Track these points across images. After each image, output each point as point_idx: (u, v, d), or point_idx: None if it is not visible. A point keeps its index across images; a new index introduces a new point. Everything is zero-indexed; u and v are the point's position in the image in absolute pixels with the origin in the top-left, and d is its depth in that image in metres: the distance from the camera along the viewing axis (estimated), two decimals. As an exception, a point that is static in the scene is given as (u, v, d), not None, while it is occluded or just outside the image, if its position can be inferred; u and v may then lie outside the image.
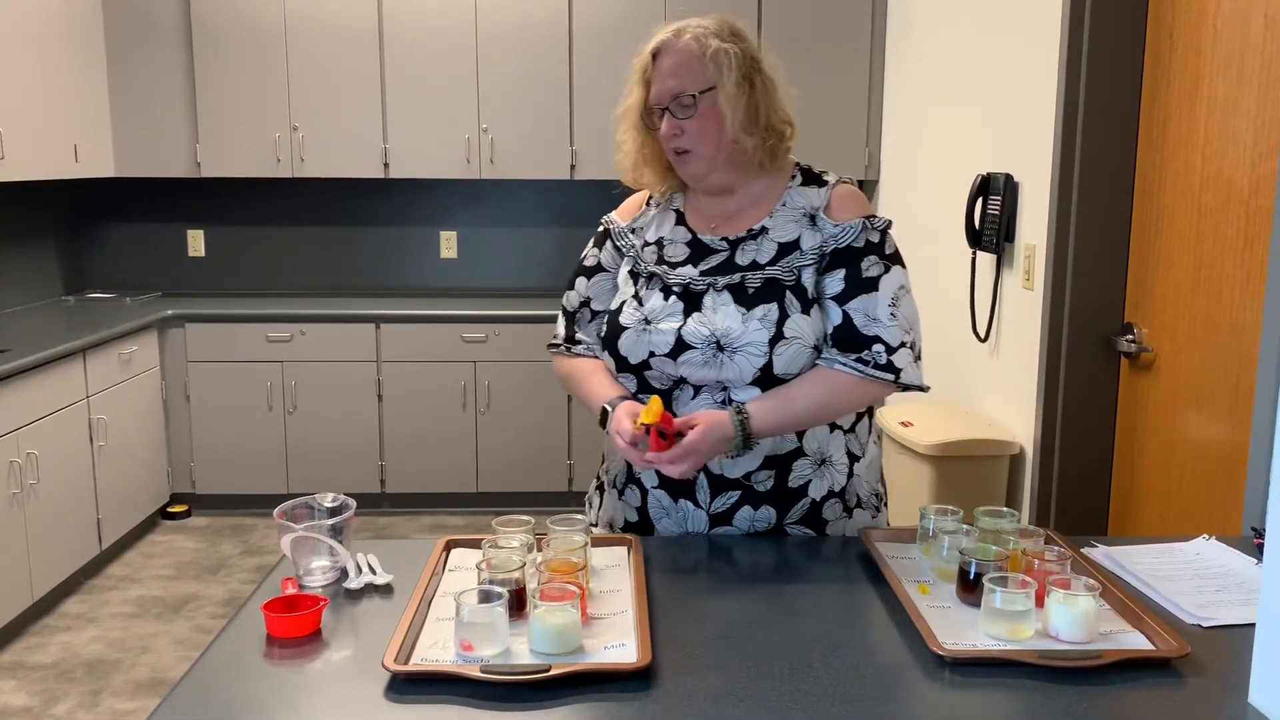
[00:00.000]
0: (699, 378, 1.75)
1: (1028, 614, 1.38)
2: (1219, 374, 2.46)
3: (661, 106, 1.77)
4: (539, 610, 1.34)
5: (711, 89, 1.74)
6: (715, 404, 1.75)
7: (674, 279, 1.81)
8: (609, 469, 1.93)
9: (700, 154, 1.78)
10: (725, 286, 1.76)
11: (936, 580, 1.58)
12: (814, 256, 1.76)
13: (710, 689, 1.27)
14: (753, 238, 1.80)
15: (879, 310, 1.74)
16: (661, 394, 1.77)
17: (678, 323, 1.75)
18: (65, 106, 4.54)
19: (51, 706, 3.19)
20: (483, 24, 4.88)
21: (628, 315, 1.81)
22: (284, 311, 4.82)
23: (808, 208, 1.80)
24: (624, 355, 1.79)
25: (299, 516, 1.61)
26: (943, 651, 1.33)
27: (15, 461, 3.59)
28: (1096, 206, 2.88)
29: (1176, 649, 1.32)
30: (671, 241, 1.86)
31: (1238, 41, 2.39)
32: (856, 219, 1.77)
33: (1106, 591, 1.49)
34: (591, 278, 1.94)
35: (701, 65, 1.75)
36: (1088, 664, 1.30)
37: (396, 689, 1.27)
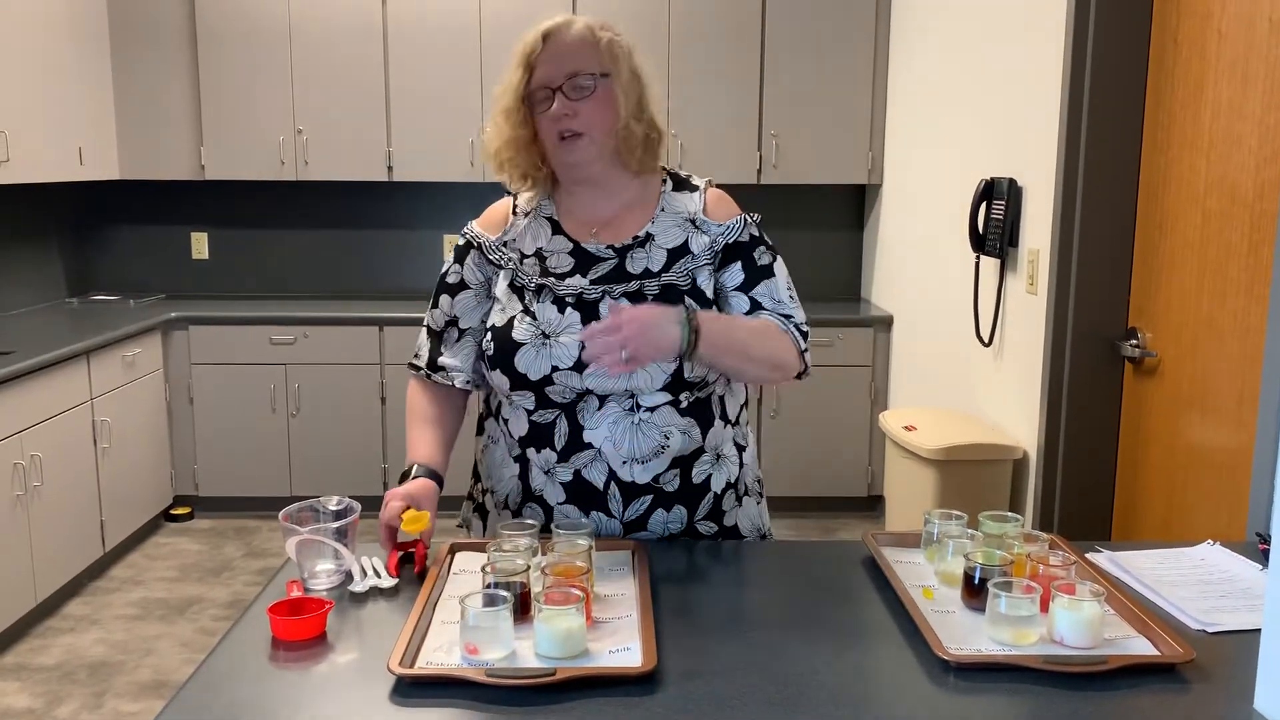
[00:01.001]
0: (605, 388, 1.73)
1: (1033, 619, 1.38)
2: (1223, 379, 2.46)
3: (554, 86, 1.73)
4: (544, 614, 1.34)
5: (607, 74, 1.74)
6: (624, 412, 1.74)
7: (565, 290, 1.77)
8: (494, 489, 1.88)
9: (592, 138, 1.74)
10: (623, 295, 1.75)
11: (941, 585, 1.58)
12: (707, 257, 1.80)
13: (715, 693, 1.27)
14: (640, 245, 1.79)
15: (780, 294, 1.82)
16: (564, 407, 1.75)
17: (577, 333, 1.73)
18: (70, 109, 4.55)
19: (55, 708, 3.19)
20: (486, 28, 4.89)
21: (522, 331, 1.75)
22: (288, 314, 4.83)
23: (686, 213, 1.83)
24: (522, 372, 1.74)
25: (304, 519, 1.61)
26: (948, 656, 1.32)
27: (19, 464, 3.59)
28: (1100, 211, 2.88)
29: (1182, 655, 1.32)
30: (553, 252, 1.81)
31: (1242, 46, 2.39)
32: (735, 217, 1.83)
33: (1111, 597, 1.49)
34: (456, 295, 1.85)
35: (597, 51, 1.75)
36: (1093, 669, 1.30)
37: (402, 692, 1.27)
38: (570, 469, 1.77)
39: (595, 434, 1.75)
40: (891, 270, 4.91)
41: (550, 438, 1.77)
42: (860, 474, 4.95)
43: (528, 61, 1.75)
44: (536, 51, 1.75)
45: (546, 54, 1.74)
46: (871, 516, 4.95)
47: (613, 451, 1.75)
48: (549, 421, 1.77)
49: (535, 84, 1.74)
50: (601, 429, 1.74)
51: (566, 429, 1.76)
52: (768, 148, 4.98)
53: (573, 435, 1.76)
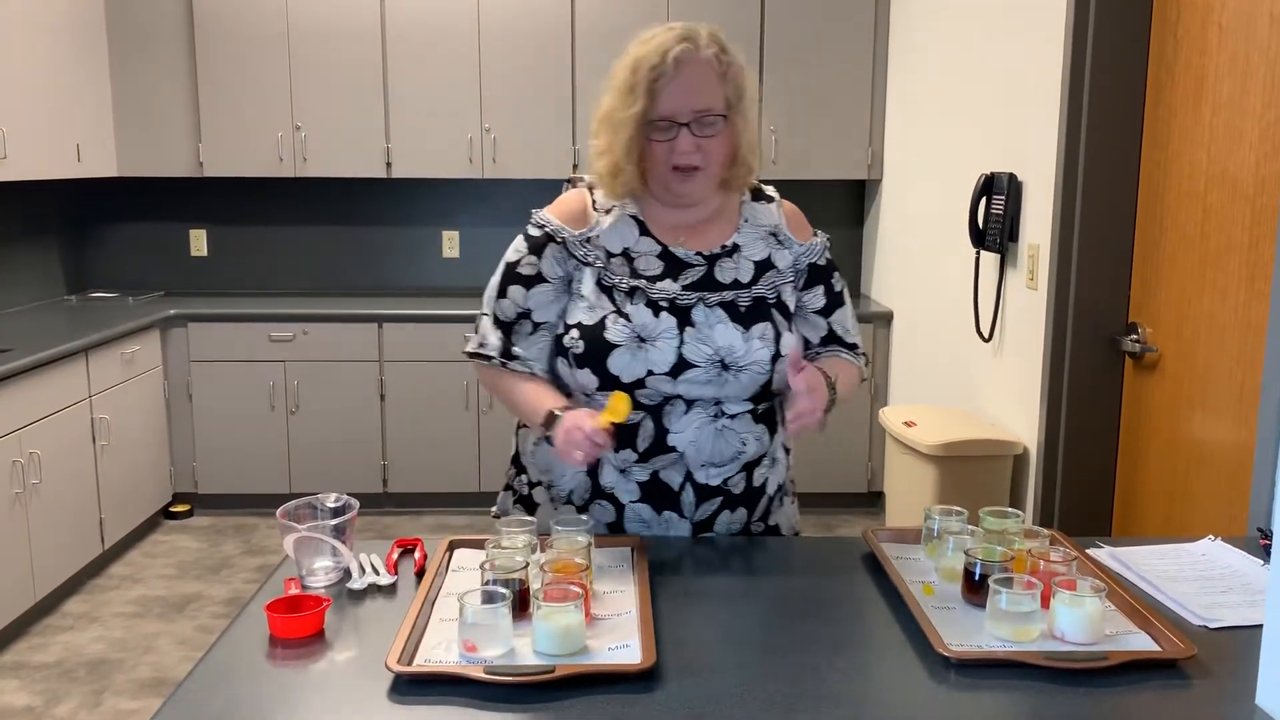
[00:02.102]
0: (696, 394, 1.74)
1: (1033, 615, 1.38)
2: (1224, 374, 2.46)
3: (680, 121, 1.70)
4: (542, 611, 1.34)
5: (731, 109, 1.72)
6: (709, 418, 1.76)
7: (659, 294, 1.76)
8: (553, 484, 1.86)
9: (708, 173, 1.74)
10: (718, 304, 1.76)
11: (941, 581, 1.57)
12: (790, 275, 1.84)
13: (714, 690, 1.27)
14: (728, 255, 1.80)
15: (849, 322, 1.92)
16: (650, 409, 1.75)
17: (674, 339, 1.72)
18: (68, 106, 4.54)
19: (54, 706, 3.19)
20: (485, 23, 4.88)
21: (616, 332, 1.73)
22: (286, 311, 4.82)
23: (768, 225, 1.85)
24: (615, 374, 1.72)
25: (302, 517, 1.61)
26: (948, 653, 1.32)
27: (18, 461, 3.59)
28: (1101, 206, 2.88)
29: (1183, 650, 1.32)
30: (641, 253, 1.79)
31: (1243, 40, 2.39)
32: (812, 237, 1.89)
33: (1112, 593, 1.48)
34: (531, 287, 1.80)
35: (723, 84, 1.71)
36: (1094, 666, 1.30)
37: (400, 690, 1.26)
38: (648, 469, 1.77)
39: (679, 438, 1.75)
40: (891, 266, 4.90)
41: (632, 439, 1.76)
42: (860, 470, 4.95)
43: (652, 88, 1.69)
44: (665, 79, 1.69)
45: (676, 86, 1.69)
46: (872, 512, 4.95)
47: (694, 456, 1.76)
48: (633, 423, 1.75)
49: (658, 114, 1.70)
50: (686, 433, 1.75)
51: (651, 431, 1.76)
52: (767, 143, 4.97)
53: (657, 438, 1.76)
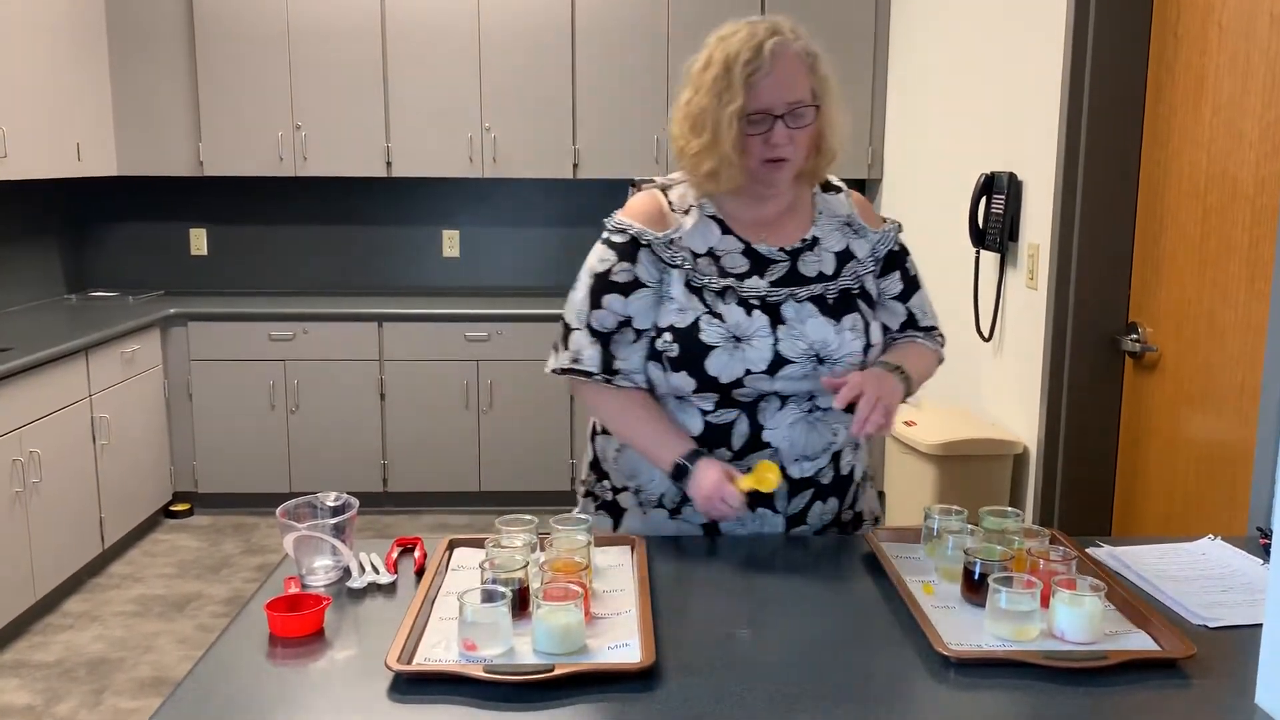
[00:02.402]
0: (792, 389, 1.75)
1: (1033, 614, 1.38)
2: (1224, 374, 2.46)
3: (776, 114, 1.70)
4: (542, 610, 1.34)
5: (818, 99, 1.73)
6: (803, 413, 1.77)
7: (749, 292, 1.76)
8: (641, 488, 1.84)
9: (795, 163, 1.75)
10: (807, 298, 1.77)
11: (940, 580, 1.57)
12: (871, 264, 1.85)
13: (714, 689, 1.26)
14: (809, 248, 1.81)
15: (927, 305, 1.94)
16: (744, 406, 1.75)
17: (769, 337, 1.73)
18: (68, 105, 4.54)
19: (54, 705, 3.19)
20: (485, 22, 4.88)
21: (711, 333, 1.72)
22: (286, 310, 4.82)
23: (842, 215, 1.87)
24: (713, 375, 1.72)
25: (301, 516, 1.60)
26: (948, 652, 1.32)
27: (18, 460, 3.59)
28: (1101, 205, 2.88)
29: (1183, 650, 1.32)
30: (725, 252, 1.78)
31: (1243, 40, 2.38)
32: (885, 224, 1.90)
33: (1111, 592, 1.48)
34: (630, 294, 1.77)
35: (812, 77, 1.73)
36: (1094, 665, 1.30)
37: (400, 689, 1.26)
38: (743, 465, 1.77)
39: (774, 434, 1.76)
40: (891, 265, 4.89)
41: (728, 438, 1.77)
42: (860, 469, 4.94)
43: (749, 82, 1.69)
44: (761, 73, 1.68)
45: (772, 79, 1.69)
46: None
47: (788, 450, 1.77)
48: (727, 422, 1.76)
49: (755, 107, 1.69)
50: (781, 429, 1.76)
51: (746, 429, 1.76)
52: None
53: (752, 435, 1.76)
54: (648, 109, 4.93)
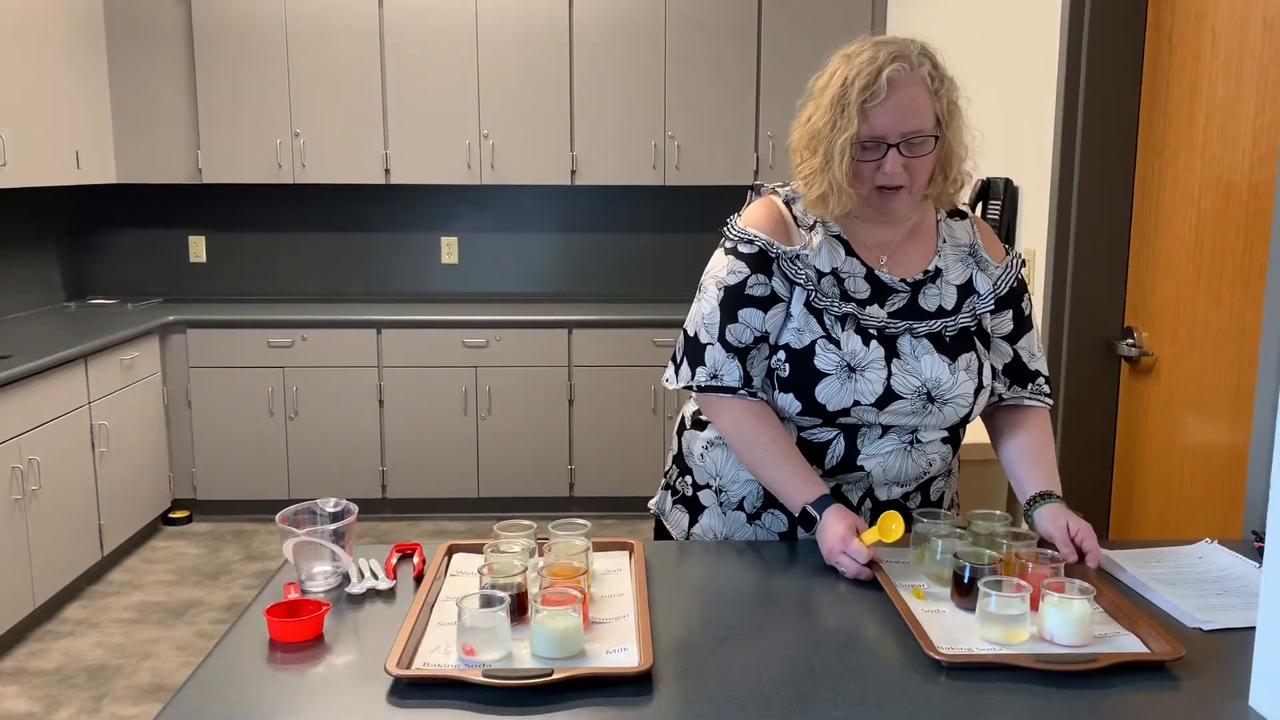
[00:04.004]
0: (900, 424, 1.73)
1: (1022, 618, 1.38)
2: (1219, 378, 2.46)
3: (890, 142, 1.65)
4: (541, 615, 1.35)
5: (940, 126, 1.68)
6: (901, 444, 1.74)
7: (869, 321, 1.72)
8: (725, 489, 1.85)
9: (912, 190, 1.69)
10: (925, 334, 1.74)
11: (930, 584, 1.58)
12: (991, 301, 1.80)
13: (711, 693, 1.27)
14: (931, 280, 1.77)
15: (1035, 346, 1.86)
16: (844, 429, 1.73)
17: (883, 370, 1.70)
18: (67, 113, 4.55)
19: (53, 712, 3.19)
20: (483, 30, 4.90)
21: (825, 359, 1.69)
22: (285, 317, 4.83)
23: (967, 244, 1.82)
24: (821, 403, 1.70)
25: (301, 522, 1.61)
26: (939, 656, 1.33)
27: (17, 467, 3.59)
28: (1096, 210, 2.89)
29: (1171, 651, 1.32)
30: (849, 274, 1.74)
31: (1236, 44, 2.40)
32: (1007, 256, 1.85)
33: (1101, 594, 1.49)
34: (769, 309, 1.73)
35: (935, 102, 1.67)
36: (1084, 668, 1.30)
37: (399, 693, 1.27)
38: (832, 482, 1.76)
39: (869, 460, 1.74)
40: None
41: (821, 456, 1.75)
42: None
43: (864, 109, 1.64)
44: (877, 100, 1.63)
45: (888, 106, 1.63)
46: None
47: (880, 476, 1.76)
48: (823, 440, 1.74)
49: (867, 134, 1.64)
50: (876, 457, 1.74)
51: (842, 451, 1.74)
52: (764, 148, 4.99)
53: (846, 458, 1.75)
54: (645, 116, 4.95)
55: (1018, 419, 1.85)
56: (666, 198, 5.28)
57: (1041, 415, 1.86)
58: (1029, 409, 1.85)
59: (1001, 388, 1.83)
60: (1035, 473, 1.78)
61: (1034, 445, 1.81)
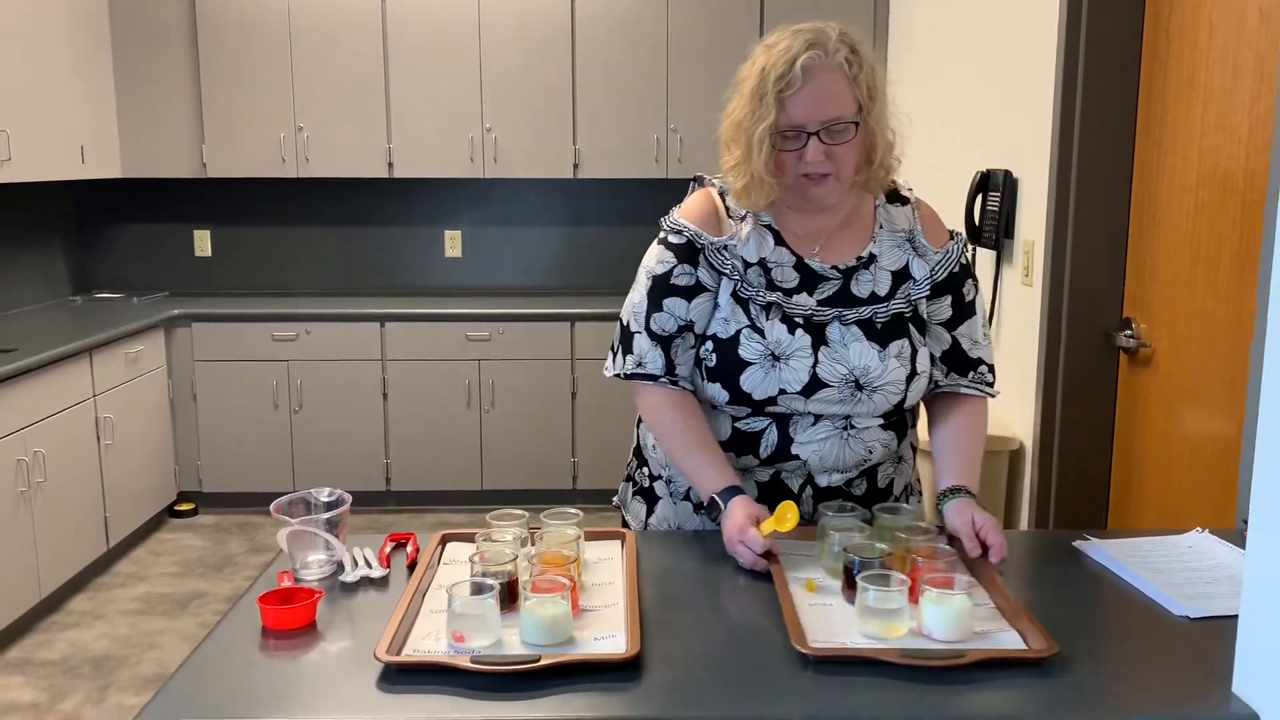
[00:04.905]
0: (828, 411, 1.73)
1: (900, 612, 1.37)
2: (1216, 368, 2.47)
3: (808, 130, 1.64)
4: (530, 602, 1.36)
5: (861, 112, 1.66)
6: (836, 431, 1.73)
7: (794, 309, 1.72)
8: (674, 479, 1.87)
9: (840, 179, 1.68)
10: (854, 321, 1.73)
11: (826, 577, 1.56)
12: (928, 286, 1.78)
13: (696, 679, 1.28)
14: (864, 266, 1.76)
15: (978, 333, 1.83)
16: (776, 418, 1.73)
17: (808, 359, 1.70)
18: (71, 108, 4.57)
19: (58, 702, 3.22)
20: (486, 24, 4.90)
21: (749, 348, 1.71)
22: (290, 311, 4.85)
23: (904, 230, 1.80)
24: (747, 391, 1.71)
25: (295, 511, 1.63)
26: (805, 650, 1.32)
27: (23, 460, 3.62)
28: (1095, 201, 2.89)
29: (1046, 649, 1.31)
30: (776, 264, 1.74)
31: (1233, 35, 2.39)
32: (949, 242, 1.81)
33: (996, 591, 1.47)
34: (693, 298, 1.74)
35: (853, 88, 1.65)
36: (948, 664, 1.29)
37: (389, 679, 1.28)
38: (770, 471, 1.77)
39: (804, 448, 1.74)
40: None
41: (756, 446, 1.76)
42: (861, 467, 4.95)
43: (780, 98, 1.63)
44: (793, 89, 1.62)
45: (803, 95, 1.62)
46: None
47: (817, 464, 1.75)
48: (756, 430, 1.75)
49: (786, 124, 1.64)
50: (811, 444, 1.74)
51: (775, 440, 1.74)
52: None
53: (780, 446, 1.75)
54: (648, 108, 4.95)
55: (951, 408, 1.83)
56: (669, 191, 5.25)
57: (975, 405, 1.83)
58: (966, 398, 1.83)
59: (939, 375, 1.81)
60: (952, 465, 1.76)
61: (958, 436, 1.80)
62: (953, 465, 1.76)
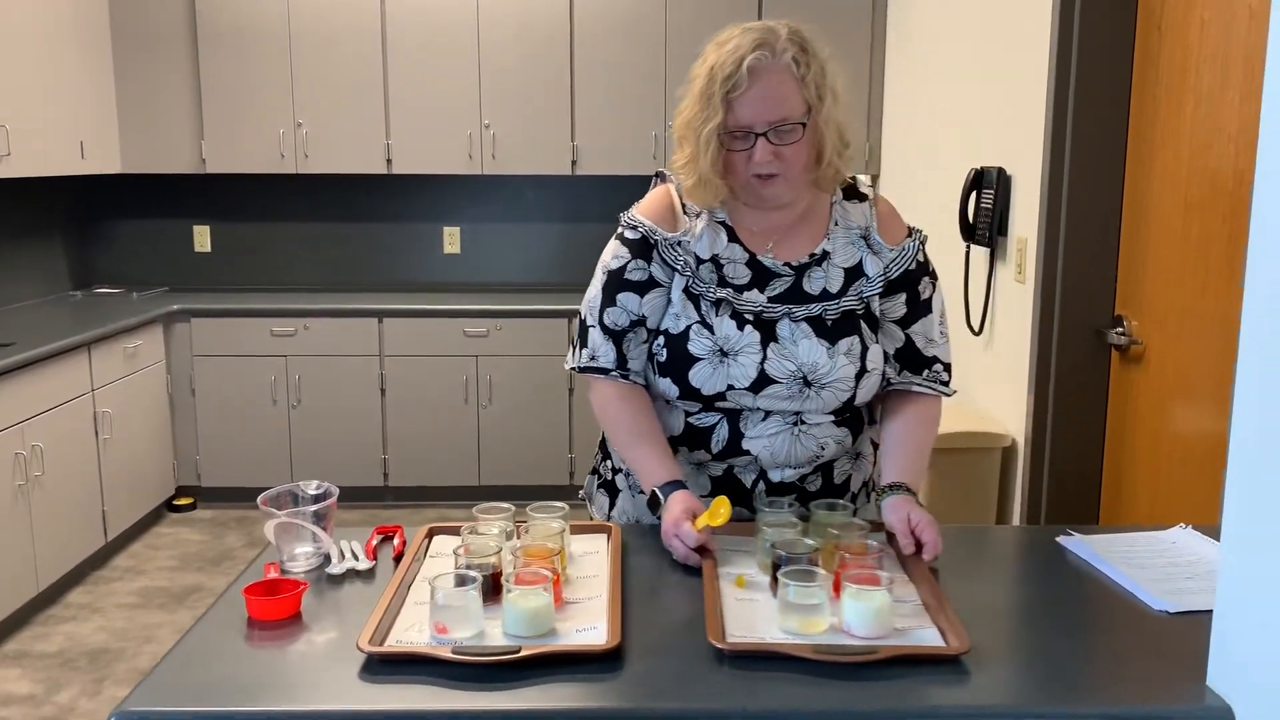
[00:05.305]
0: (778, 408, 1.73)
1: (820, 608, 1.37)
2: (1206, 365, 2.48)
3: (756, 131, 1.65)
4: (512, 594, 1.37)
5: (810, 112, 1.66)
6: (786, 427, 1.74)
7: (744, 306, 1.73)
8: (629, 471, 1.87)
9: (789, 178, 1.69)
10: (804, 318, 1.73)
11: (758, 573, 1.56)
12: (880, 284, 1.77)
13: (675, 670, 1.29)
14: (816, 263, 1.76)
15: (934, 331, 1.82)
16: (727, 413, 1.74)
17: (757, 355, 1.71)
18: (71, 103, 4.59)
19: (54, 694, 3.23)
20: (484, 20, 4.91)
21: (699, 344, 1.72)
22: (288, 306, 4.87)
23: (860, 227, 1.79)
24: (696, 386, 1.72)
25: (283, 503, 1.64)
26: (720, 644, 1.32)
27: (20, 454, 3.64)
28: (1087, 199, 2.89)
29: (959, 646, 1.31)
30: (729, 260, 1.75)
31: (1223, 34, 2.40)
32: (906, 239, 1.81)
33: (929, 587, 1.47)
34: (645, 293, 1.76)
35: (800, 88, 1.65)
36: (858, 659, 1.29)
37: (371, 670, 1.30)
38: (723, 466, 1.78)
39: (754, 443, 1.75)
40: (888, 261, 4.91)
41: (707, 441, 1.77)
42: (858, 464, 4.96)
43: (728, 99, 1.64)
44: (739, 90, 1.63)
45: (750, 96, 1.63)
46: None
47: (769, 459, 1.76)
48: (708, 425, 1.76)
49: (734, 124, 1.65)
50: (761, 439, 1.75)
51: (726, 435, 1.75)
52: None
53: (731, 441, 1.75)
54: (646, 105, 4.96)
55: (901, 406, 1.82)
56: (668, 188, 5.28)
57: (926, 404, 1.82)
58: (918, 396, 1.82)
59: (892, 372, 1.81)
60: (896, 463, 1.76)
61: (904, 434, 1.79)
62: (897, 463, 1.76)
